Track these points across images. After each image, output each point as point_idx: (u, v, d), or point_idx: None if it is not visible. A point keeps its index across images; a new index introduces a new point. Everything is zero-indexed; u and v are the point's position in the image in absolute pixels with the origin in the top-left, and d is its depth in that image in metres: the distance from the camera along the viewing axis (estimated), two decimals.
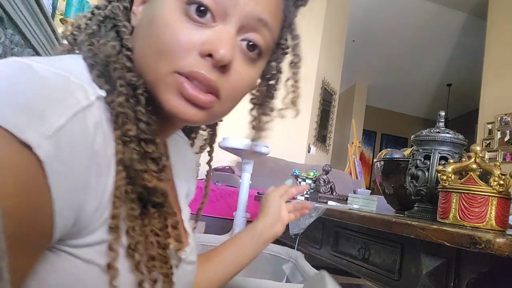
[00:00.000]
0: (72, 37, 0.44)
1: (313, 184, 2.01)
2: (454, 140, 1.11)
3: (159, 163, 0.39)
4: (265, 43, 0.42)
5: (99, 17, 0.42)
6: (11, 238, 0.25)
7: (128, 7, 0.43)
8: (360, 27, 6.06)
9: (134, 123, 0.36)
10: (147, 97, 0.39)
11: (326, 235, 1.47)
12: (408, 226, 0.86)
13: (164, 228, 0.41)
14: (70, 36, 0.44)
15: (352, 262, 1.24)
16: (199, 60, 0.38)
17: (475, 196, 0.88)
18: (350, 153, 5.45)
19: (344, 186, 3.82)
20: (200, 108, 0.39)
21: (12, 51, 0.79)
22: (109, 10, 0.42)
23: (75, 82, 0.32)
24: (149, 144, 0.38)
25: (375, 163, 1.56)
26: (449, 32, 6.17)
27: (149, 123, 0.38)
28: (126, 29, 0.41)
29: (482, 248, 0.66)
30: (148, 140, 0.37)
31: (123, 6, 0.43)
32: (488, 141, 4.57)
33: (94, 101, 0.33)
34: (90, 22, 0.43)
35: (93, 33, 0.41)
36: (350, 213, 1.19)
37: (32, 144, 0.26)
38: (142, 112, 0.37)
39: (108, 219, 0.34)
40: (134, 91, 0.38)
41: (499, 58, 4.59)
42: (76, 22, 0.44)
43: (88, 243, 0.33)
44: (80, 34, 0.42)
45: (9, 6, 0.72)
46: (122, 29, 0.41)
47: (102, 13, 0.42)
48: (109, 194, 0.34)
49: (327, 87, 5.05)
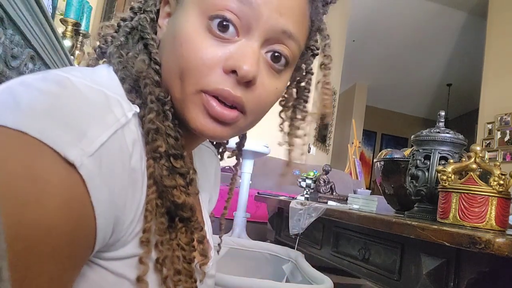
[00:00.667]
0: (100, 50, 0.44)
1: (313, 184, 2.01)
2: (454, 140, 1.11)
3: (187, 177, 0.39)
4: (290, 53, 0.41)
5: (126, 29, 0.42)
6: (58, 251, 0.26)
7: (154, 18, 0.43)
8: (360, 27, 6.05)
9: (163, 139, 0.36)
10: (173, 112, 0.40)
11: (326, 235, 1.47)
12: (408, 226, 0.86)
13: (190, 242, 0.41)
14: (98, 48, 0.44)
15: (352, 263, 1.24)
16: (223, 77, 0.38)
17: (475, 196, 0.88)
18: (350, 153, 5.45)
19: (344, 186, 3.81)
20: (226, 124, 0.40)
21: (12, 51, 0.79)
22: (136, 21, 0.42)
23: (113, 97, 0.32)
24: (178, 159, 0.38)
25: (375, 163, 1.56)
26: (449, 32, 6.17)
27: (177, 138, 0.38)
28: (155, 43, 0.41)
29: (482, 248, 0.66)
30: (176, 155, 0.38)
31: (149, 18, 0.43)
32: (488, 141, 4.57)
33: (131, 117, 0.33)
34: (117, 34, 0.43)
35: (121, 45, 0.42)
36: (350, 213, 1.19)
37: (76, 163, 0.27)
38: (170, 127, 0.38)
39: (139, 233, 0.34)
40: (162, 106, 0.38)
41: (499, 58, 4.59)
42: (102, 34, 0.44)
43: (119, 256, 0.34)
44: (108, 46, 0.43)
45: (9, 6, 0.72)
46: (150, 42, 0.41)
47: (129, 25, 0.43)
48: (142, 208, 0.34)
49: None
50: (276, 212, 2.04)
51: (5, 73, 0.76)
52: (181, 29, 0.39)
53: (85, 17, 1.82)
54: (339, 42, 5.51)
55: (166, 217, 0.37)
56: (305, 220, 1.45)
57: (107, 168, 0.29)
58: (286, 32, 0.40)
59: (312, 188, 2.01)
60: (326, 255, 1.45)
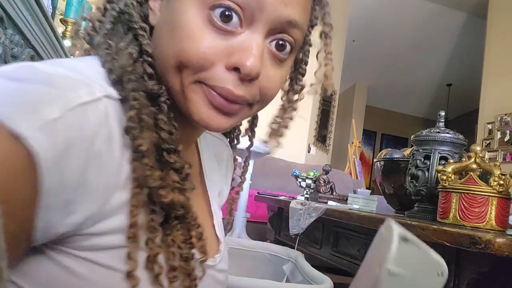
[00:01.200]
0: (89, 38, 0.41)
1: (313, 184, 2.01)
2: (454, 140, 1.11)
3: (182, 172, 0.37)
4: (295, 41, 0.40)
5: (113, 13, 0.39)
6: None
7: (142, 1, 0.40)
8: (360, 27, 6.05)
9: (150, 135, 0.34)
10: (171, 104, 0.38)
11: (326, 235, 1.47)
12: (408, 226, 0.86)
13: (188, 239, 0.39)
14: (87, 36, 0.41)
15: (352, 262, 1.24)
16: (225, 74, 0.36)
17: (475, 196, 0.88)
18: (350, 153, 5.45)
19: (344, 186, 3.81)
20: (231, 115, 0.38)
21: (12, 51, 0.79)
22: (123, 4, 0.39)
23: (81, 80, 0.31)
24: (171, 153, 0.36)
25: (375, 163, 1.56)
26: (449, 32, 6.17)
27: (171, 132, 0.36)
28: (145, 32, 0.38)
29: (482, 248, 0.66)
30: (170, 150, 0.36)
31: (136, 1, 0.39)
32: (488, 141, 4.57)
33: (101, 98, 0.31)
34: (104, 19, 0.40)
35: (108, 34, 0.39)
36: (350, 213, 1.19)
37: (23, 135, 0.26)
38: (164, 121, 0.36)
39: (126, 205, 0.33)
40: (156, 99, 0.36)
41: (499, 58, 4.59)
42: (89, 17, 0.41)
43: (106, 231, 0.32)
44: (96, 34, 0.40)
45: (9, 6, 0.72)
46: (140, 32, 0.38)
47: (116, 8, 0.39)
48: (126, 176, 0.33)
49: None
50: (276, 212, 2.04)
51: None
52: (180, 20, 0.36)
53: None
54: (339, 42, 5.51)
55: (159, 214, 0.36)
56: (305, 220, 1.45)
57: (61, 145, 0.28)
58: (291, 22, 0.38)
59: (312, 188, 2.01)
60: (326, 255, 1.45)
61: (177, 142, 0.37)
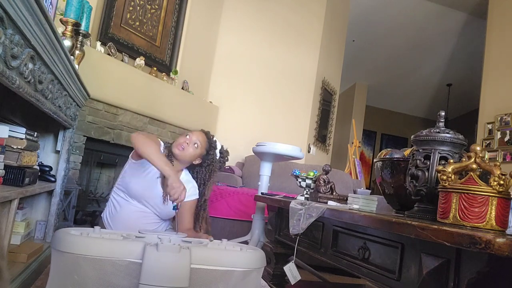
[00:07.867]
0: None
1: (313, 184, 2.01)
2: (454, 140, 1.11)
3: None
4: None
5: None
6: None
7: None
8: (360, 27, 6.05)
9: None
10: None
11: (326, 235, 1.47)
12: (408, 226, 0.86)
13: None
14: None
15: (352, 262, 1.24)
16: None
17: (475, 196, 0.88)
18: (350, 153, 5.45)
19: (344, 186, 3.81)
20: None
21: (12, 51, 0.79)
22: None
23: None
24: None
25: (375, 163, 1.56)
26: (449, 32, 6.17)
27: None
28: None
29: (482, 248, 0.66)
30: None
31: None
32: (488, 141, 4.57)
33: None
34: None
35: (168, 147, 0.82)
36: (350, 213, 1.19)
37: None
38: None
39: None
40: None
41: (499, 58, 4.59)
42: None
43: None
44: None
45: (9, 6, 0.72)
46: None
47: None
48: None
49: (327, 87, 5.05)
50: (276, 212, 2.04)
51: (5, 73, 0.76)
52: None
53: (85, 17, 1.82)
54: (339, 42, 5.51)
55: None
56: (305, 220, 1.45)
57: None
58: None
59: (312, 188, 2.01)
60: (326, 255, 1.45)
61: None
